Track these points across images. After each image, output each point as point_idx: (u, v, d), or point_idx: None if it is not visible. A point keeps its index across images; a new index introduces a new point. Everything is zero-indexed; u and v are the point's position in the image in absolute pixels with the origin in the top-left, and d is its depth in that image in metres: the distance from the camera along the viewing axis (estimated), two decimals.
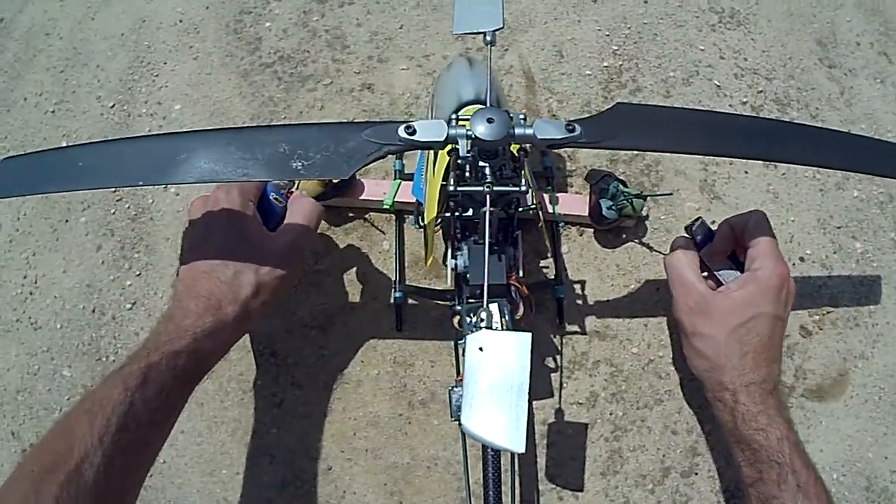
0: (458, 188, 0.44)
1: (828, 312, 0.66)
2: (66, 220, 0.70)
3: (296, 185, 0.61)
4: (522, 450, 0.32)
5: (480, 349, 0.35)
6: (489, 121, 0.42)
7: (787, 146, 0.48)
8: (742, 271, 0.54)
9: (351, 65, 0.76)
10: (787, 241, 0.68)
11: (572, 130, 0.43)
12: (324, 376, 0.63)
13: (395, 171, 0.67)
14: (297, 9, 0.79)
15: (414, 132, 0.42)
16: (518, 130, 0.42)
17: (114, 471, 0.41)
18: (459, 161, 0.44)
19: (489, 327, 0.40)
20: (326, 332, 0.64)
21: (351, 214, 0.68)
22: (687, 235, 0.58)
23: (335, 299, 0.65)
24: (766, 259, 0.51)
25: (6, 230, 0.71)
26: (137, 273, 0.67)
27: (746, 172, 0.70)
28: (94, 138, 0.74)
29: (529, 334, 0.34)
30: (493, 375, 0.34)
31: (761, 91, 0.74)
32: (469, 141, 0.42)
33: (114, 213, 0.70)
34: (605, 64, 0.75)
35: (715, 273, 0.56)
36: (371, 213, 0.68)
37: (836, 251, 0.68)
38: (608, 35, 0.77)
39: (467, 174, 0.45)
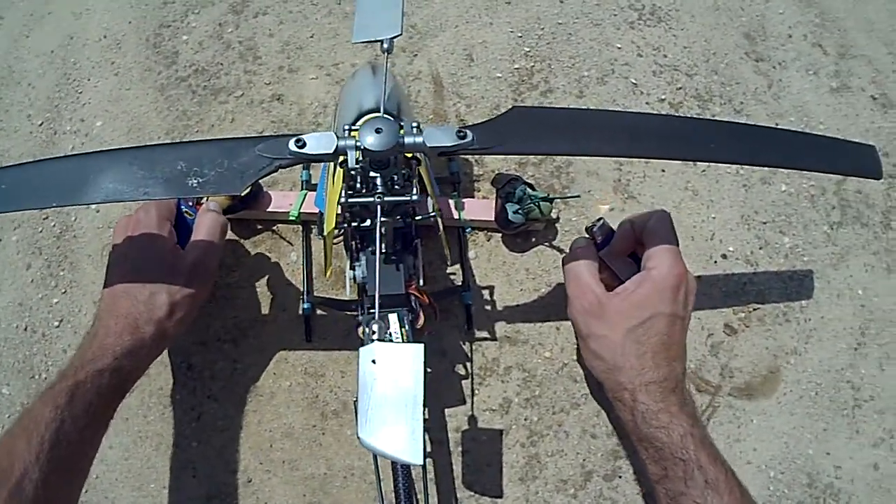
0: (350, 199, 0.44)
1: (754, 309, 0.65)
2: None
3: (206, 198, 0.61)
4: (420, 461, 0.32)
5: (373, 361, 0.34)
6: (377, 131, 0.41)
7: (702, 145, 0.46)
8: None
9: (262, 76, 0.75)
10: (708, 238, 0.67)
11: (463, 137, 0.42)
12: (239, 389, 0.63)
13: (302, 181, 0.66)
14: (213, 21, 0.79)
15: (304, 145, 0.41)
16: (408, 140, 0.42)
17: (51, 487, 0.43)
18: (352, 172, 0.44)
19: (381, 339, 0.40)
20: (239, 344, 0.64)
21: (260, 226, 0.68)
22: (587, 236, 0.57)
23: (247, 312, 0.65)
24: (661, 258, 0.50)
25: None
26: (63, 291, 0.68)
27: (663, 171, 0.69)
28: (25, 157, 0.74)
29: (422, 345, 0.34)
30: (388, 388, 0.34)
31: (681, 87, 0.73)
32: (359, 152, 0.42)
33: (41, 231, 0.70)
34: (517, 66, 0.74)
35: (616, 273, 0.55)
36: (279, 225, 0.68)
37: (763, 247, 0.67)
38: (521, 36, 0.76)
39: (360, 185, 0.45)
